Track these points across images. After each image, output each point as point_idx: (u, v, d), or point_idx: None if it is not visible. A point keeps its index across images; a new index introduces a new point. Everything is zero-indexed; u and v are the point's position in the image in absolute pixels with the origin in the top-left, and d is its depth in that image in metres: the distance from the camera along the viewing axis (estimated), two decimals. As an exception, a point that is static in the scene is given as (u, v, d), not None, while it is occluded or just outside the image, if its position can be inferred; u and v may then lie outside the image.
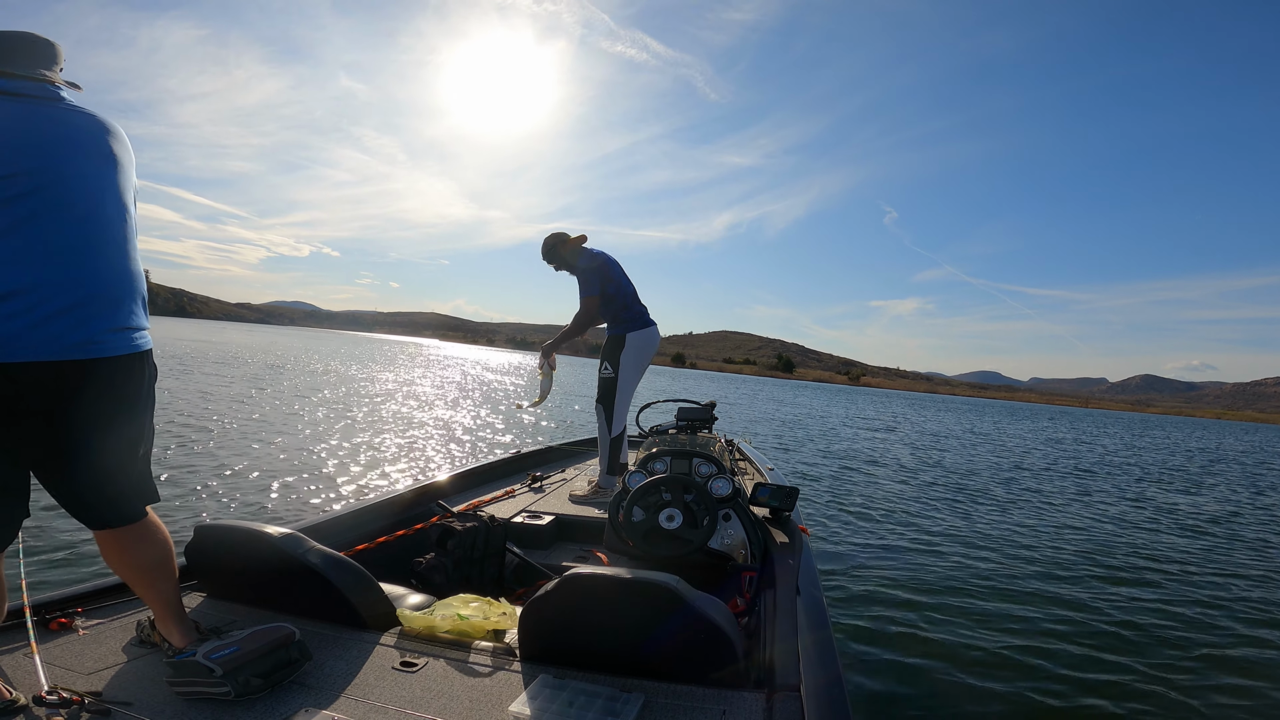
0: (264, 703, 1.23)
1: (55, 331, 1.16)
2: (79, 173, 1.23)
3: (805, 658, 1.40)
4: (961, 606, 3.95)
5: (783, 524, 2.52)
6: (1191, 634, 3.77)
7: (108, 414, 1.26)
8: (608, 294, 3.61)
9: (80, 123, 1.28)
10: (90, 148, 1.27)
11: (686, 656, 1.36)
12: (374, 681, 1.33)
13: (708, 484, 2.42)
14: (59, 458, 1.24)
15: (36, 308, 1.15)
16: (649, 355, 3.69)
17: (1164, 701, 2.93)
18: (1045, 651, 3.36)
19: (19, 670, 1.28)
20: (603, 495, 3.28)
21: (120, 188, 1.31)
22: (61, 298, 1.18)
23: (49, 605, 1.53)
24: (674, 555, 2.17)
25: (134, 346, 1.29)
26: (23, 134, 1.19)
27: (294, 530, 1.63)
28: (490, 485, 3.48)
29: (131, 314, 1.30)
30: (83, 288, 1.21)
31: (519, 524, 2.73)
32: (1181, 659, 3.40)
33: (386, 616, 1.60)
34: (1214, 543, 6.46)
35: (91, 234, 1.23)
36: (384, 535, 2.42)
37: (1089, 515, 7.50)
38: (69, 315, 1.18)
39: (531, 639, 1.44)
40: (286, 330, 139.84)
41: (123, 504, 1.34)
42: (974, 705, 2.78)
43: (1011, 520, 6.83)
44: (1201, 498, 9.90)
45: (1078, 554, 5.53)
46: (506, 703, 1.26)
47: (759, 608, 1.99)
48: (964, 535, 5.93)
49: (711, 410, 4.53)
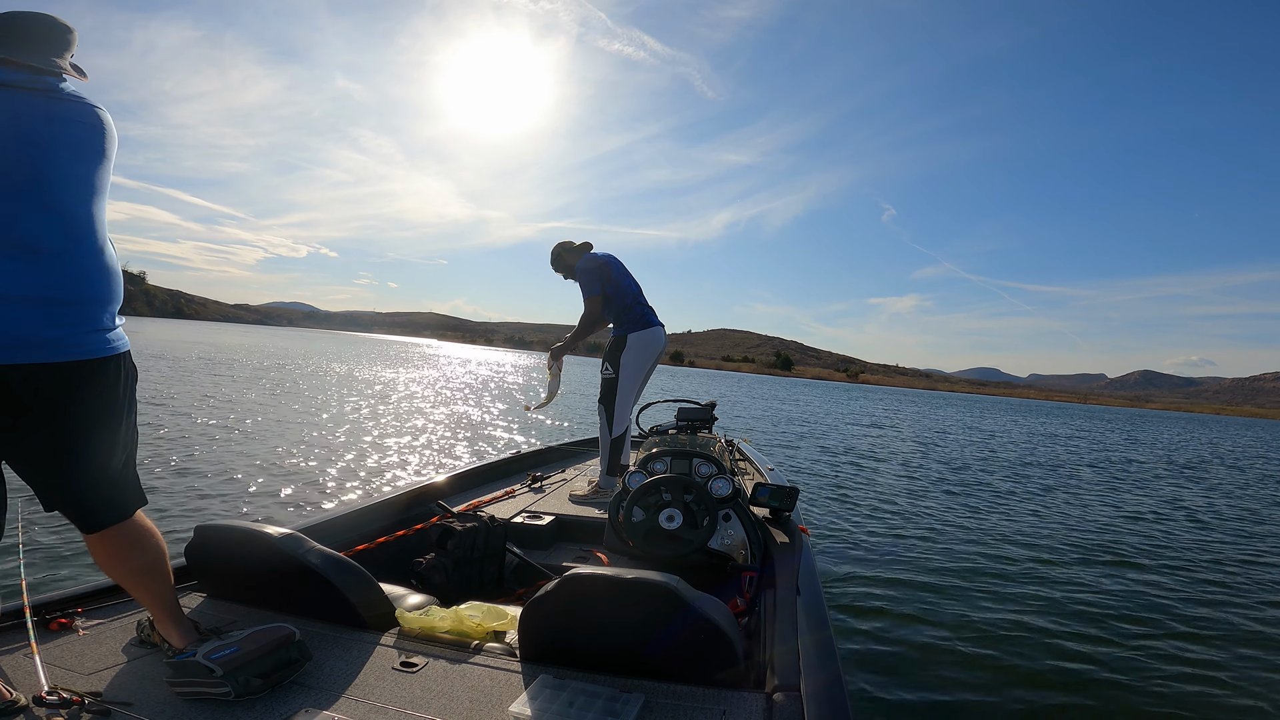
0: (264, 703, 1.23)
1: (30, 332, 1.14)
2: (62, 170, 1.20)
3: (805, 658, 1.40)
4: (962, 606, 3.95)
5: (783, 524, 2.52)
6: (1198, 632, 3.77)
7: (85, 416, 1.23)
8: (608, 294, 3.63)
9: (69, 114, 1.23)
10: (75, 142, 1.22)
11: (686, 657, 1.36)
12: (374, 682, 1.33)
13: (708, 484, 2.42)
14: (37, 460, 1.23)
15: (13, 308, 1.13)
16: (651, 356, 3.68)
17: (1165, 702, 2.93)
18: (1046, 651, 3.36)
19: (19, 670, 1.28)
20: (603, 496, 3.28)
21: (98, 185, 1.27)
22: (41, 297, 1.15)
23: (49, 605, 1.53)
24: (674, 555, 2.17)
25: (111, 349, 1.27)
26: (5, 129, 1.16)
27: (294, 530, 1.63)
28: (490, 485, 3.48)
29: (108, 315, 1.27)
30: (63, 289, 1.18)
31: (519, 524, 2.73)
32: (1185, 660, 3.40)
33: (386, 617, 1.60)
34: (1217, 538, 6.47)
35: (71, 233, 1.20)
36: (384, 535, 2.42)
37: (1089, 514, 7.49)
38: (44, 315, 1.16)
39: (531, 639, 1.44)
40: (284, 331, 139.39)
41: (103, 509, 1.31)
42: (974, 705, 2.78)
43: (1012, 520, 6.83)
44: (1200, 495, 9.90)
45: (1080, 553, 5.53)
46: (506, 703, 1.26)
47: (759, 608, 1.99)
48: (964, 535, 5.93)
49: (711, 410, 4.54)
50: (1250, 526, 7.55)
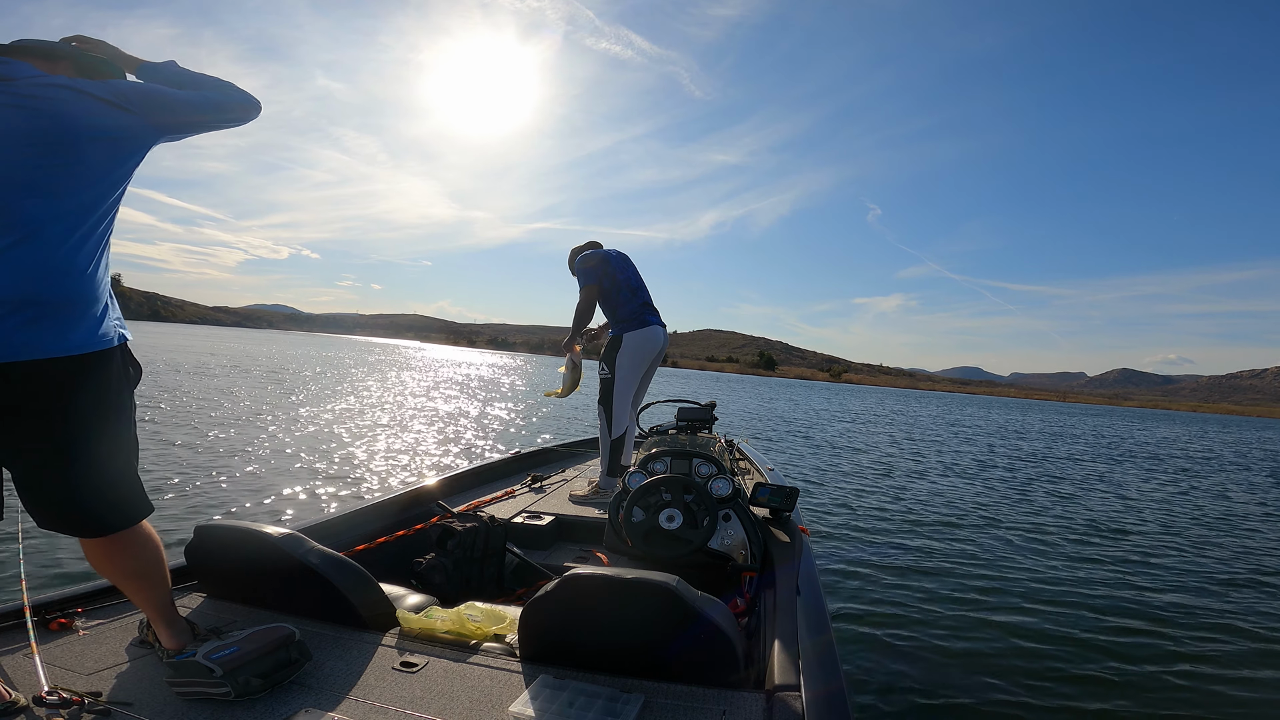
0: (264, 703, 1.23)
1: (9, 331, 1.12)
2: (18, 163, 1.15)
3: (805, 658, 1.40)
4: (963, 606, 3.95)
5: (783, 524, 2.52)
6: (1198, 632, 3.77)
7: (77, 416, 1.20)
8: (604, 288, 3.63)
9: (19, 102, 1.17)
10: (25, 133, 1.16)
11: (686, 657, 1.36)
12: (374, 682, 1.33)
13: (708, 484, 2.42)
14: (32, 463, 1.21)
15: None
16: (648, 356, 3.66)
17: (1166, 702, 2.93)
18: (1047, 650, 3.36)
19: (19, 670, 1.28)
20: (603, 496, 3.28)
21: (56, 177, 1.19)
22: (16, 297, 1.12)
23: (49, 605, 1.53)
24: (674, 556, 2.17)
25: (99, 345, 1.23)
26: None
27: (294, 530, 1.63)
28: (490, 486, 3.48)
29: (92, 312, 1.23)
30: (26, 287, 1.14)
31: (519, 524, 2.73)
32: (1186, 658, 3.40)
33: (386, 617, 1.60)
34: (1218, 538, 6.47)
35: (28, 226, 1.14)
36: (384, 535, 2.42)
37: (1090, 513, 7.49)
38: (17, 315, 1.13)
39: (531, 639, 1.44)
40: (262, 334, 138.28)
41: (105, 515, 1.29)
42: (975, 705, 2.77)
43: (1012, 519, 6.82)
44: (1206, 498, 9.90)
45: (1080, 552, 5.53)
46: (506, 703, 1.26)
47: (759, 608, 1.99)
48: (965, 534, 5.92)
49: (711, 410, 4.54)
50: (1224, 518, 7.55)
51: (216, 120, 1.40)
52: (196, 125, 1.38)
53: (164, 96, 1.33)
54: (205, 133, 1.42)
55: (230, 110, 1.42)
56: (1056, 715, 2.77)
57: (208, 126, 1.41)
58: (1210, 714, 2.87)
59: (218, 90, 1.41)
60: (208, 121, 1.39)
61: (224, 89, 1.42)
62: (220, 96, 1.40)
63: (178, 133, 1.37)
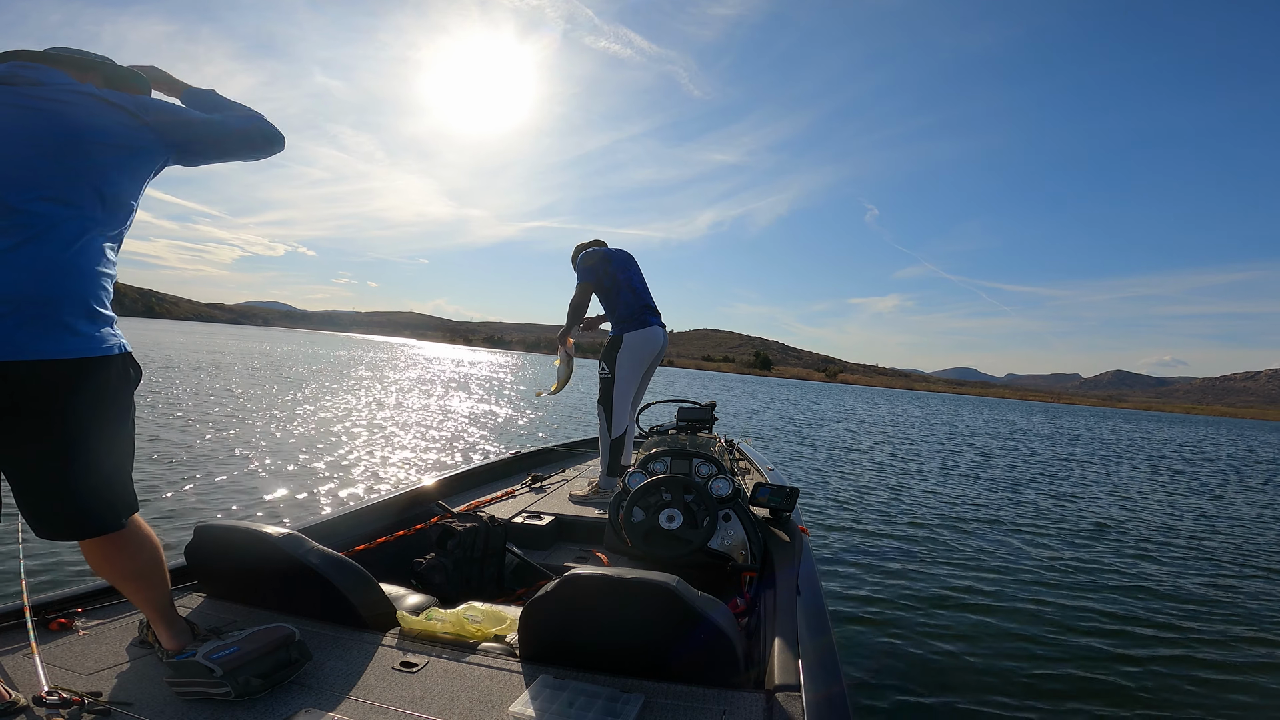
0: (264, 703, 1.23)
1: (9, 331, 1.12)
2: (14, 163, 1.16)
3: (805, 658, 1.40)
4: (963, 606, 3.95)
5: (783, 524, 2.52)
6: (1198, 631, 3.77)
7: (71, 418, 1.20)
8: (605, 287, 3.63)
9: (39, 106, 1.19)
10: (29, 136, 1.18)
11: (686, 657, 1.36)
12: (374, 682, 1.33)
13: (708, 484, 2.42)
14: (27, 465, 1.21)
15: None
16: (648, 356, 3.66)
17: (1167, 702, 2.93)
18: (1046, 650, 3.36)
19: (19, 670, 1.28)
20: (603, 496, 3.28)
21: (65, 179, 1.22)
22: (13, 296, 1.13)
23: (49, 605, 1.53)
24: (674, 556, 2.17)
25: (98, 349, 1.23)
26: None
27: (294, 530, 1.63)
28: (490, 486, 3.48)
29: (85, 313, 1.22)
30: (30, 286, 1.14)
31: (519, 524, 2.72)
32: (1188, 661, 3.40)
33: (386, 617, 1.60)
34: (1219, 539, 6.47)
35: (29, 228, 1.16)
36: (384, 535, 2.42)
37: (1088, 514, 7.50)
38: (19, 314, 1.13)
39: (531, 639, 1.44)
40: (257, 331, 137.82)
41: (92, 516, 1.28)
42: (975, 705, 2.78)
43: (1012, 519, 6.83)
44: (1206, 499, 9.90)
45: (1079, 552, 5.53)
46: (506, 703, 1.26)
47: (759, 608, 1.99)
48: (965, 534, 5.93)
49: (711, 410, 4.54)
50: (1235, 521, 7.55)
51: (237, 147, 1.44)
52: (213, 148, 1.42)
53: (184, 115, 1.38)
54: (228, 160, 1.46)
55: (252, 137, 1.45)
56: (1056, 715, 2.77)
57: (228, 152, 1.44)
58: (1210, 714, 2.87)
59: (245, 120, 1.45)
60: (226, 146, 1.43)
61: (251, 119, 1.45)
62: (242, 124, 1.44)
63: (194, 153, 1.40)
